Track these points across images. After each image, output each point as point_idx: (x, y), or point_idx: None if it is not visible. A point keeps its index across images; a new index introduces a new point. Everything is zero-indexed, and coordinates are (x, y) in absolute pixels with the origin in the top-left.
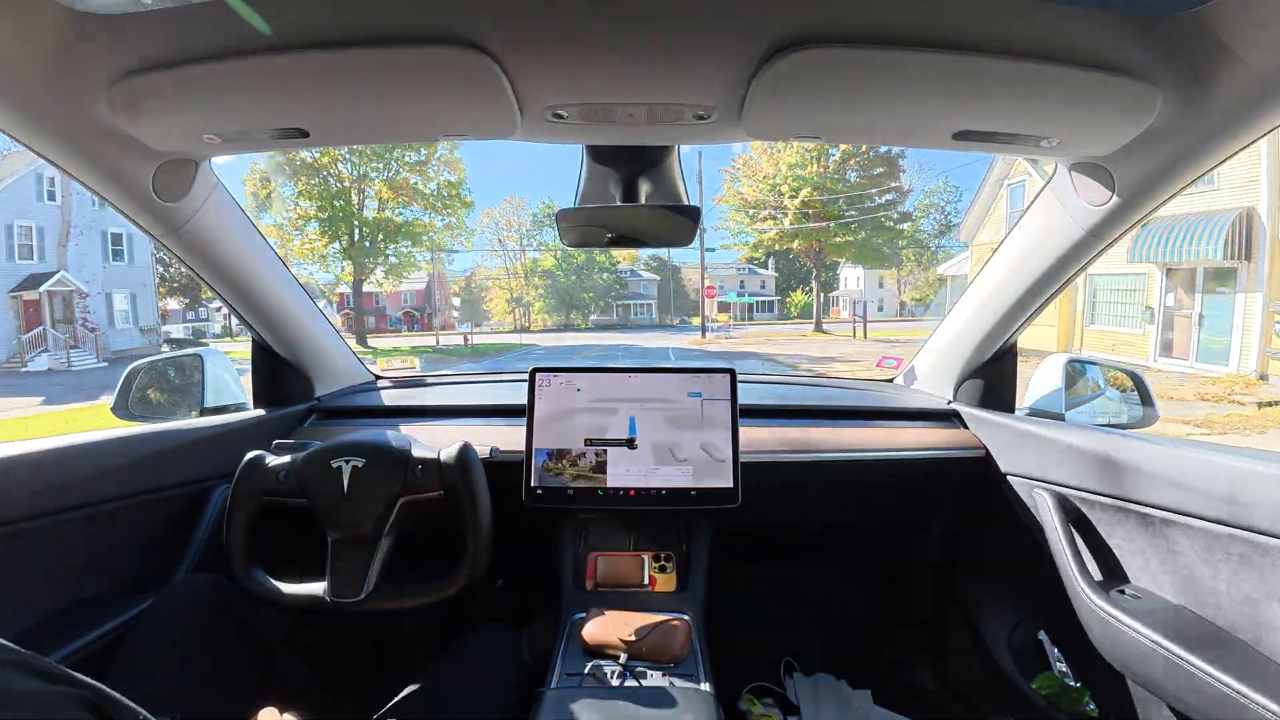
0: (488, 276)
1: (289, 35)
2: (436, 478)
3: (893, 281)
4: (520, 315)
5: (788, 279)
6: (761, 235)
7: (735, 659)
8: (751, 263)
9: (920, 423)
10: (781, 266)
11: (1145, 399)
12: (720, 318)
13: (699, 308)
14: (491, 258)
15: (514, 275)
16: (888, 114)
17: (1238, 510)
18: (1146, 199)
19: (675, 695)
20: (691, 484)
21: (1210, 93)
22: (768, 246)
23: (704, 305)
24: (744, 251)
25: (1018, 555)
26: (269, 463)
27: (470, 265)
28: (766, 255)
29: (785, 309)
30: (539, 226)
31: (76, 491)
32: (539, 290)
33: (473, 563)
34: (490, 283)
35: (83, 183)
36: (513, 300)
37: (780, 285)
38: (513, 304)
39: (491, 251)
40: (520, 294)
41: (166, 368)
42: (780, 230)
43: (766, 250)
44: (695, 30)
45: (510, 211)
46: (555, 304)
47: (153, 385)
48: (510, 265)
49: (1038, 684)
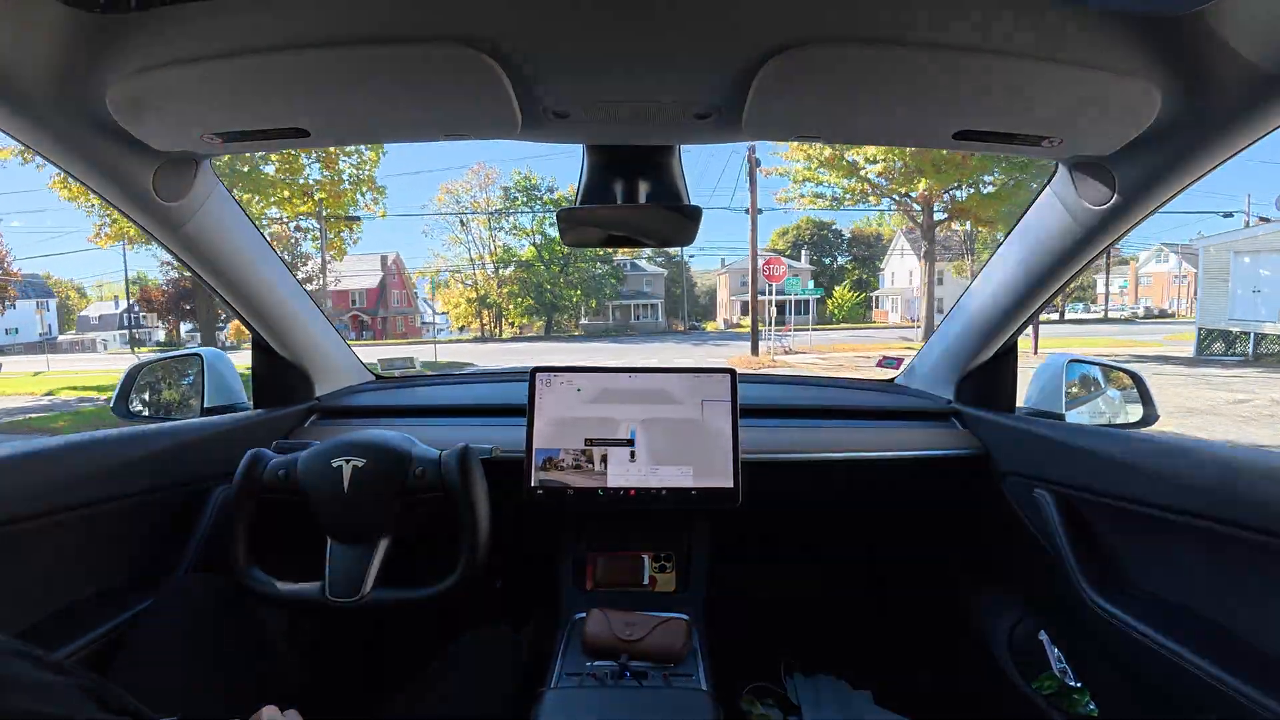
0: (447, 268)
1: (289, 35)
2: (437, 478)
3: (957, 275)
4: (490, 319)
5: (821, 273)
6: (862, 171)
7: (735, 659)
8: (776, 252)
9: (920, 423)
10: (819, 254)
11: (1145, 398)
12: (745, 322)
13: (715, 310)
14: (451, 244)
15: (482, 267)
16: (888, 114)
17: (1238, 508)
18: (1148, 198)
19: (675, 696)
20: (692, 484)
21: (1212, 92)
22: (860, 194)
23: (753, 306)
24: (770, 240)
25: (1018, 555)
26: (270, 460)
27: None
28: (794, 245)
29: (828, 311)
30: (513, 205)
31: (76, 490)
32: (513, 286)
33: (469, 564)
34: (450, 277)
35: (83, 182)
36: (476, 300)
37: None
38: (476, 304)
39: (454, 239)
40: (486, 291)
41: (167, 367)
42: (888, 167)
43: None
44: (696, 30)
45: (476, 185)
46: (534, 303)
47: (153, 385)
48: (476, 255)
49: (1038, 684)
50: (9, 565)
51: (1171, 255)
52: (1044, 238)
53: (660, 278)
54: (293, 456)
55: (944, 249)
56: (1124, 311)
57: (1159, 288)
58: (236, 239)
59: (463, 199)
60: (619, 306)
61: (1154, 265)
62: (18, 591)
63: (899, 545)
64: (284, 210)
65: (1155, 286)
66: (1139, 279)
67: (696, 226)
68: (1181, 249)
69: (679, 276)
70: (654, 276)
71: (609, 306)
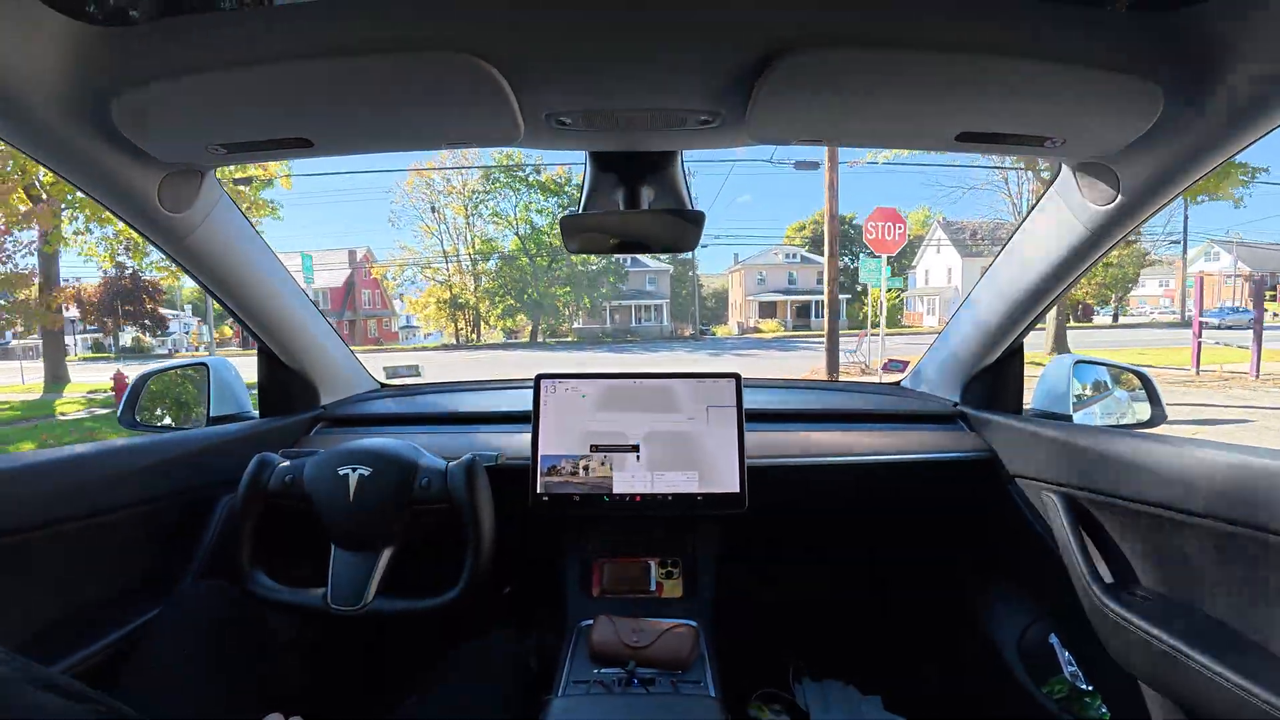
0: (415, 260)
1: (292, 45)
2: (443, 490)
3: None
4: (467, 323)
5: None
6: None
7: (743, 665)
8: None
9: (927, 425)
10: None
11: (1153, 399)
12: (765, 325)
13: (726, 313)
14: (424, 235)
15: (457, 261)
16: (891, 116)
17: (1248, 509)
18: (1151, 197)
19: (683, 702)
20: (698, 489)
21: (1214, 90)
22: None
23: (830, 297)
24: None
25: (1027, 558)
26: (276, 466)
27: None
28: (812, 240)
29: (860, 314)
30: (495, 188)
31: (84, 500)
32: (492, 284)
33: (472, 577)
34: (420, 273)
35: (87, 193)
36: (447, 301)
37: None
38: (447, 306)
39: (426, 229)
40: (460, 291)
41: (173, 377)
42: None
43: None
44: (698, 36)
45: (451, 166)
46: (515, 302)
47: (159, 394)
48: (450, 247)
49: (1049, 688)
50: (18, 574)
51: (1223, 253)
52: (1048, 239)
53: (666, 275)
54: (300, 462)
55: (972, 243)
56: (1170, 315)
57: (1209, 289)
58: (241, 249)
59: (435, 182)
60: (618, 308)
61: (1203, 264)
62: (26, 600)
63: (906, 549)
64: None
65: (1205, 288)
66: (1187, 280)
67: (700, 231)
68: (1238, 245)
69: (684, 276)
70: (659, 274)
71: (606, 308)
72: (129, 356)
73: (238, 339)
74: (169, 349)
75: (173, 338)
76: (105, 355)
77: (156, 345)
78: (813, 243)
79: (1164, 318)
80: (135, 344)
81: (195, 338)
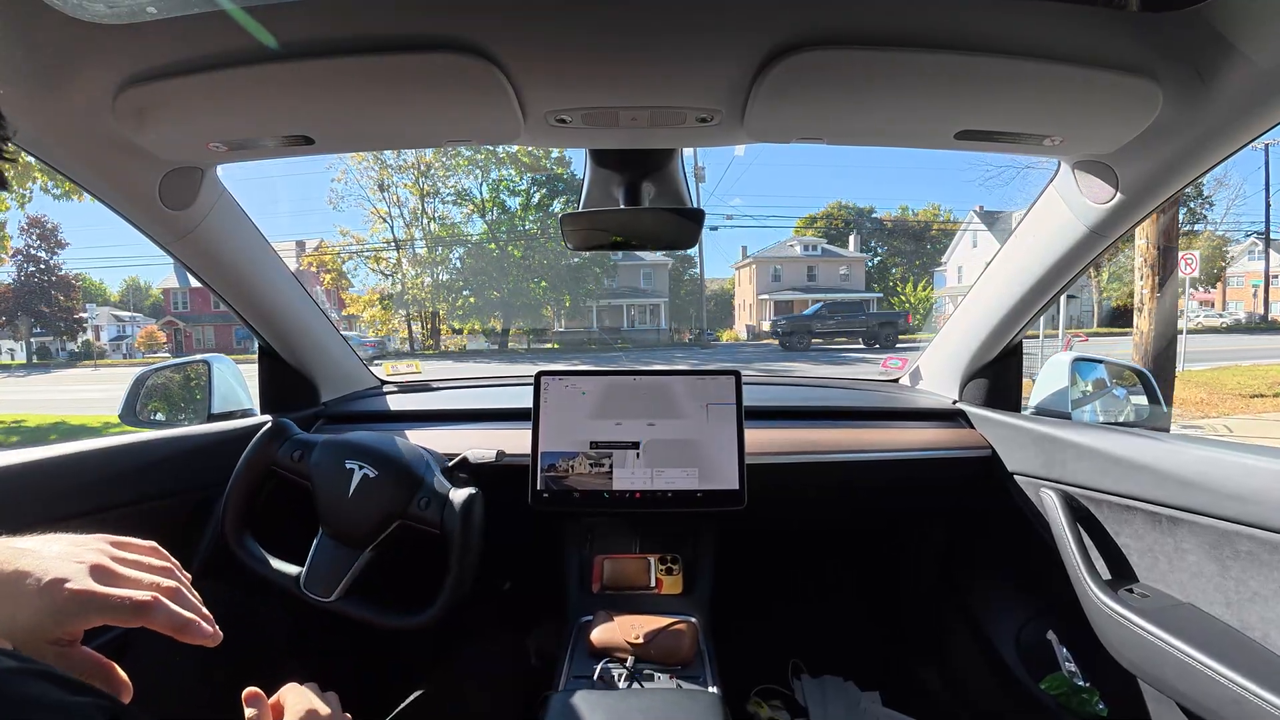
0: (357, 244)
1: (294, 43)
2: (437, 516)
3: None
4: (424, 328)
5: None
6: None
7: (743, 661)
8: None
9: (926, 423)
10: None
11: (1152, 397)
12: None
13: (731, 314)
14: (372, 218)
15: (406, 248)
16: (890, 115)
17: (1246, 507)
18: (1150, 195)
19: (683, 698)
20: (697, 486)
21: (1212, 89)
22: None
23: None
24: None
25: (1025, 555)
26: (291, 435)
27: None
28: (826, 234)
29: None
30: (461, 165)
31: (86, 498)
32: (447, 277)
33: (441, 607)
34: (369, 267)
35: (89, 190)
36: (393, 298)
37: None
38: (391, 303)
39: (375, 214)
40: (412, 288)
41: (174, 374)
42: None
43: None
44: (697, 34)
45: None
46: (476, 301)
47: (160, 392)
48: (404, 234)
49: (1046, 684)
50: None
51: (1275, 253)
52: (1047, 237)
53: (664, 269)
54: (312, 440)
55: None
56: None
57: (1250, 290)
58: (243, 247)
59: (386, 156)
60: (606, 308)
61: (1247, 262)
62: None
63: (905, 545)
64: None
65: (1246, 288)
66: (1230, 279)
67: (699, 229)
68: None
69: (682, 274)
70: (655, 267)
71: (592, 308)
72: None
73: (169, 341)
74: (123, 354)
75: (127, 341)
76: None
77: (110, 350)
78: (827, 236)
79: (1210, 321)
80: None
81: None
